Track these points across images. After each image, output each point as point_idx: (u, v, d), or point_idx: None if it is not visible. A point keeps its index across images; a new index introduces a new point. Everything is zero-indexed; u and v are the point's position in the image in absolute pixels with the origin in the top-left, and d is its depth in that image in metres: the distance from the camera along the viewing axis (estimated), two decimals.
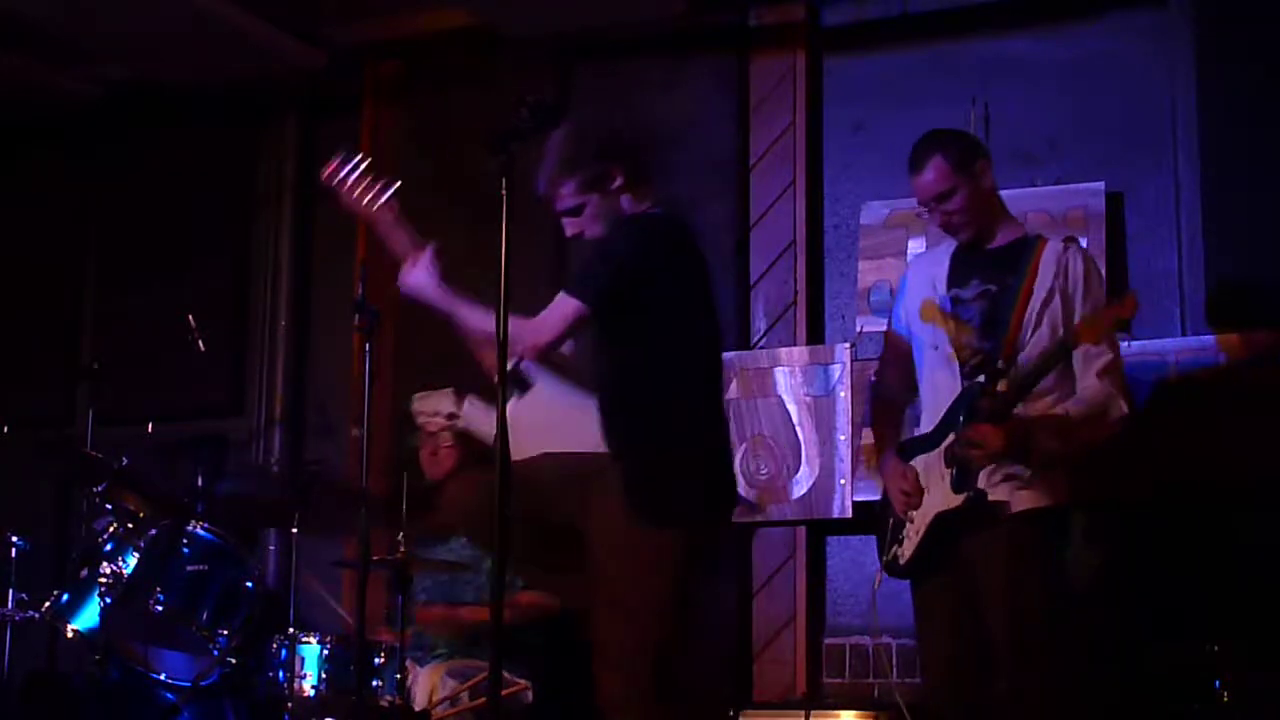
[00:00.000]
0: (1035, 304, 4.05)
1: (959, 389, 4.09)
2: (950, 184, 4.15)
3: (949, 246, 4.30)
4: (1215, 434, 5.10)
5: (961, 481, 4.01)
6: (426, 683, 5.04)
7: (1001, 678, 3.96)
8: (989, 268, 4.17)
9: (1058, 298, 4.06)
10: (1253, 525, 5.10)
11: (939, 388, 4.15)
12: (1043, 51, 5.92)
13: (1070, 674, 4.02)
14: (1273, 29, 5.54)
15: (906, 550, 4.12)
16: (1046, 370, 3.98)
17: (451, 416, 5.51)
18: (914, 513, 4.11)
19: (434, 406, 5.58)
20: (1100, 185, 5.61)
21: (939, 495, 4.06)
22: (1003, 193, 5.75)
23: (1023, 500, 3.99)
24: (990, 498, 3.98)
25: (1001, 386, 3.99)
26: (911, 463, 4.16)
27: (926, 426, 4.18)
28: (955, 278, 4.22)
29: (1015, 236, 4.23)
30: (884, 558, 4.23)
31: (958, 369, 4.11)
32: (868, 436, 5.81)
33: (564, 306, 3.77)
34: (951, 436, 4.04)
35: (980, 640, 4.01)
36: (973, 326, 4.12)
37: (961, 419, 4.03)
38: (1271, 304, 5.38)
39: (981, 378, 4.04)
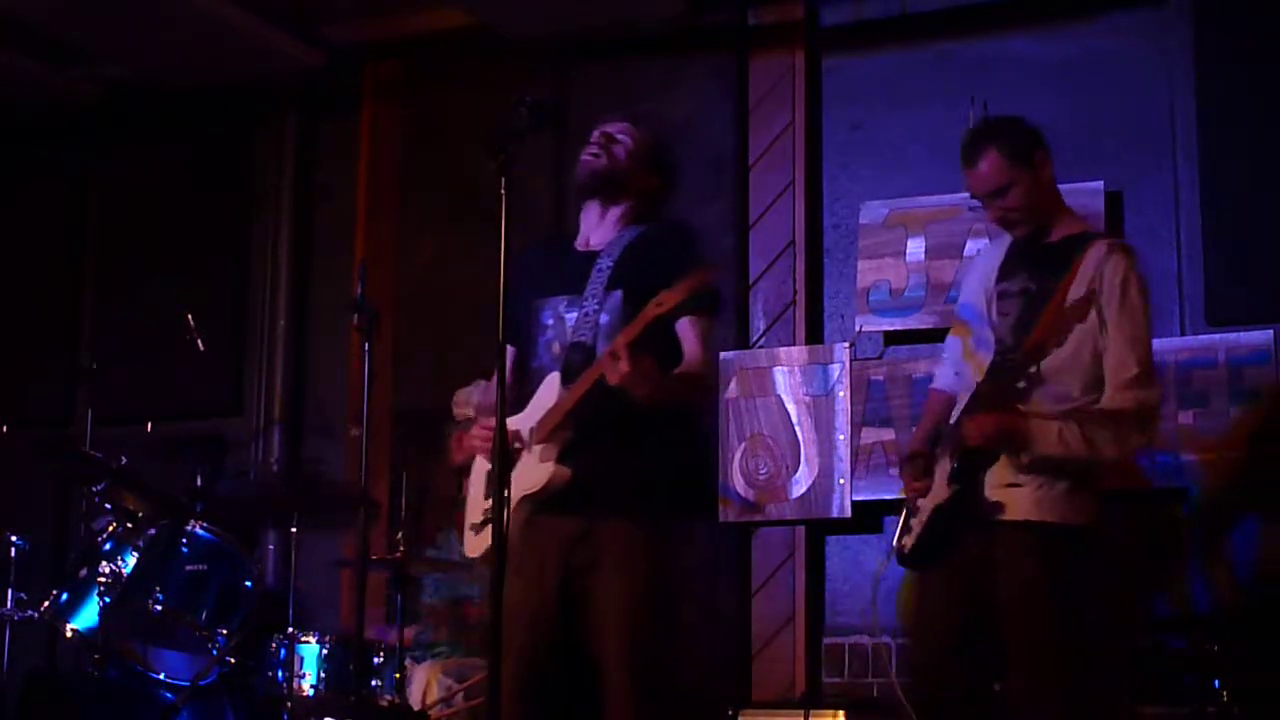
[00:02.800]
0: (1068, 309, 3.87)
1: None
2: (1007, 178, 3.98)
3: (1008, 239, 4.15)
4: None
5: (957, 474, 3.97)
6: (421, 682, 5.04)
7: (1011, 678, 3.93)
8: (1037, 264, 4.01)
9: (1095, 308, 3.89)
10: None
11: (966, 382, 4.10)
12: (1041, 51, 5.92)
13: (1077, 681, 3.99)
14: (1272, 29, 5.55)
15: (909, 540, 4.09)
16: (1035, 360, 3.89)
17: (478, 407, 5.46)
18: (921, 501, 4.07)
19: (466, 396, 5.52)
20: (1099, 185, 5.60)
21: (940, 487, 4.03)
22: None
23: (1020, 509, 3.92)
24: (988, 496, 3.95)
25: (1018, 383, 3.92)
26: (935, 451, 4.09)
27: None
28: (1005, 270, 4.08)
29: (1072, 232, 4.06)
30: (894, 545, 4.19)
31: (980, 363, 4.06)
32: (867, 436, 5.84)
33: (696, 330, 3.82)
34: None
35: (969, 636, 3.99)
36: (1008, 323, 4.03)
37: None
38: (1270, 303, 5.38)
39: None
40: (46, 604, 5.29)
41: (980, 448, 3.92)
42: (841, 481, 5.81)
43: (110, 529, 5.37)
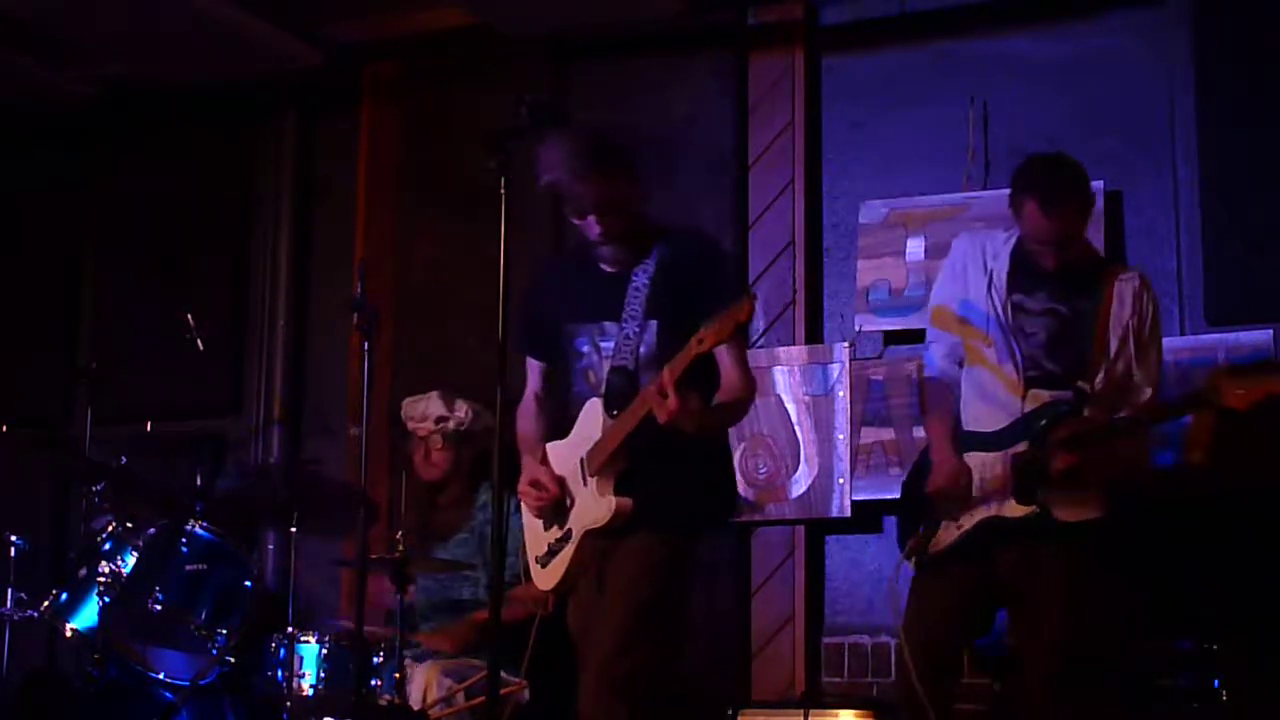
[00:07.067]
0: (1114, 339, 4.00)
1: (1002, 394, 4.04)
2: (1073, 229, 4.02)
3: (1010, 236, 4.17)
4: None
5: (1026, 493, 3.97)
6: (421, 682, 5.03)
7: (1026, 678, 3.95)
8: (1057, 284, 4.07)
9: (1132, 339, 4.02)
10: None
11: (982, 388, 4.10)
12: (1041, 50, 5.92)
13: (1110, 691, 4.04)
14: (1272, 29, 5.55)
15: (943, 540, 4.06)
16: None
17: (440, 420, 5.56)
18: (966, 515, 4.05)
19: (422, 411, 5.62)
20: (1099, 184, 5.60)
21: (996, 500, 4.02)
22: (1002, 192, 5.81)
23: (1068, 513, 3.97)
24: (1056, 515, 3.96)
25: (1087, 412, 3.94)
26: (965, 457, 4.10)
27: (972, 423, 4.14)
28: (1019, 281, 4.11)
29: (1085, 256, 4.15)
30: (908, 543, 4.17)
31: (1006, 376, 4.06)
32: (866, 436, 5.84)
33: (733, 356, 3.90)
34: (1024, 445, 4.00)
35: (968, 639, 4.01)
36: (1037, 342, 4.06)
37: (1044, 426, 3.97)
38: (1270, 303, 5.38)
39: (1070, 394, 3.98)
40: (46, 604, 5.28)
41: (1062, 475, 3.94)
42: (841, 481, 5.81)
43: (109, 528, 5.37)
